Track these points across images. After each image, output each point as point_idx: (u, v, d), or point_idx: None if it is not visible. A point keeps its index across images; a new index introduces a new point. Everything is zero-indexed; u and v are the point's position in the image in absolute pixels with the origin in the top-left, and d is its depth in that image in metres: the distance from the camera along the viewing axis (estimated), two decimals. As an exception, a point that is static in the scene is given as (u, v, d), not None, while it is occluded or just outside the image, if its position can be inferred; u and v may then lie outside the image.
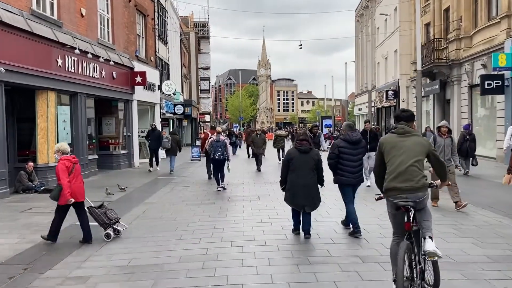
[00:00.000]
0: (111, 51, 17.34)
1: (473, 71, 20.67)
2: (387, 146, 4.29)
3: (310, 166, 6.52)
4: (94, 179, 14.92)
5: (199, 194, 11.27)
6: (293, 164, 6.55)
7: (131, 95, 19.44)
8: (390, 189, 4.17)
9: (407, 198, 4.06)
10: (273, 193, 10.95)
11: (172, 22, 32.67)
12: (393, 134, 4.37)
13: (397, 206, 4.10)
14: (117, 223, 7.20)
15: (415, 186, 4.07)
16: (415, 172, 4.11)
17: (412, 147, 4.19)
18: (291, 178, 6.57)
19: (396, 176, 4.12)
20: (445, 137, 9.01)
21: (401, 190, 4.08)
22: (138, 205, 9.97)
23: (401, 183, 4.08)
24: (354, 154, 6.71)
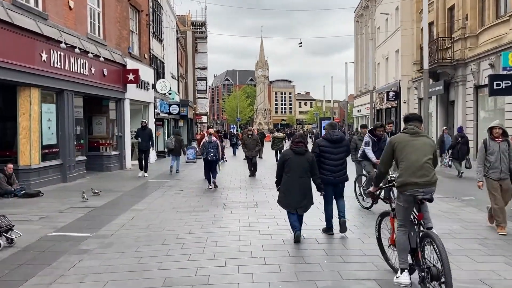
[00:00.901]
0: (101, 47, 16.45)
1: (479, 71, 19.88)
2: (400, 145, 4.59)
3: (304, 168, 6.50)
4: (81, 182, 14.03)
5: (192, 200, 10.40)
6: (287, 165, 6.54)
7: (123, 94, 18.55)
8: (409, 184, 4.45)
9: (424, 192, 4.43)
10: (272, 199, 10.07)
11: (169, 20, 31.79)
12: (404, 133, 4.70)
13: (415, 199, 4.42)
14: (9, 230, 6.38)
15: (431, 181, 4.47)
16: (429, 168, 4.49)
17: (423, 147, 4.56)
18: (285, 179, 6.57)
19: (414, 172, 4.43)
20: (499, 140, 7.02)
21: (419, 185, 4.42)
22: (124, 212, 9.10)
23: (419, 178, 4.42)
24: (335, 153, 6.81)
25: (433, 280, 4.14)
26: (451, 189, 11.94)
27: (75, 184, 13.50)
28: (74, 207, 9.63)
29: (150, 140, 15.89)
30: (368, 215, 8.35)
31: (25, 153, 11.98)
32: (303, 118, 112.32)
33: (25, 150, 11.98)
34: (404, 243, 4.52)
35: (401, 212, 4.58)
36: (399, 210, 4.61)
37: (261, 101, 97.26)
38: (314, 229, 7.17)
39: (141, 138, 15.78)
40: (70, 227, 7.70)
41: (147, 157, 15.87)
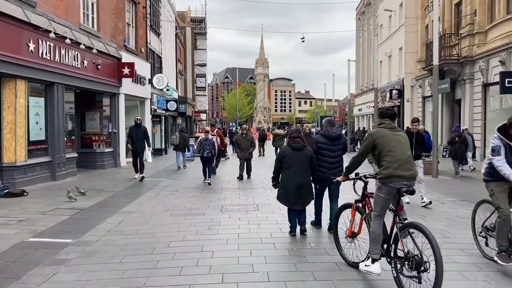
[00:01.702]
0: (95, 38, 15.68)
1: (488, 69, 19.14)
2: (382, 139, 4.67)
3: (303, 164, 6.47)
4: (71, 180, 13.27)
5: (187, 202, 9.64)
6: (286, 161, 6.51)
7: (118, 88, 17.78)
8: (394, 176, 4.52)
9: (407, 184, 4.54)
10: (274, 202, 9.27)
11: (168, 15, 31.01)
12: (383, 128, 4.79)
13: (397, 191, 4.52)
14: None
15: (413, 175, 4.62)
16: (412, 162, 4.67)
17: (404, 141, 4.75)
18: (284, 175, 6.54)
19: (400, 165, 4.53)
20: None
21: (405, 177, 4.54)
22: (113, 215, 8.35)
23: (405, 172, 4.53)
24: (333, 150, 6.76)
25: (415, 269, 4.14)
26: (462, 191, 11.21)
27: (64, 182, 12.73)
28: (60, 208, 8.88)
29: (145, 140, 13.88)
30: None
31: (9, 149, 11.21)
32: (303, 117, 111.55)
33: (10, 146, 11.21)
34: (379, 234, 4.63)
35: (381, 204, 4.65)
36: (378, 201, 4.67)
37: (261, 99, 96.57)
38: (322, 236, 6.43)
39: (135, 138, 13.70)
40: (51, 232, 6.95)
41: (141, 158, 13.84)
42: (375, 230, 4.63)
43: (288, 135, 7.00)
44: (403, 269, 4.28)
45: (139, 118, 14.35)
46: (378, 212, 4.67)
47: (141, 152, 13.83)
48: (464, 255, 5.61)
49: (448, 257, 5.42)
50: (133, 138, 13.67)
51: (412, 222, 4.51)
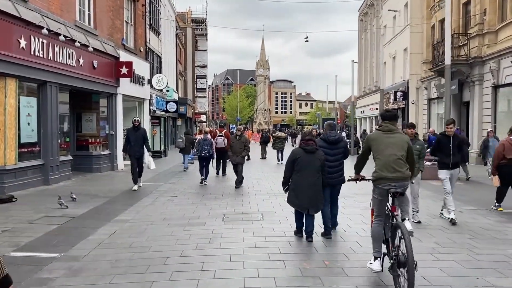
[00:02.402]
0: (92, 36, 15.05)
1: (499, 70, 18.50)
2: (375, 142, 4.89)
3: (315, 167, 6.35)
4: (65, 184, 12.63)
5: (186, 209, 8.98)
6: (298, 164, 6.37)
7: (116, 88, 17.14)
8: (382, 178, 4.70)
9: (395, 186, 4.64)
10: (280, 210, 8.69)
11: (168, 15, 30.41)
12: (379, 131, 4.98)
13: (388, 192, 4.65)
14: None
15: (402, 176, 4.70)
16: (402, 164, 4.72)
17: (397, 143, 4.80)
18: (295, 178, 6.41)
19: (387, 167, 4.68)
20: None
21: (392, 179, 4.67)
22: (106, 224, 7.70)
23: (392, 173, 4.66)
24: (332, 154, 6.72)
25: (400, 267, 4.31)
26: (478, 197, 10.54)
27: (58, 187, 12.10)
28: (49, 216, 8.23)
29: (144, 143, 12.17)
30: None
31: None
32: (304, 119, 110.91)
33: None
34: (378, 233, 4.80)
35: (376, 204, 4.87)
36: (375, 202, 4.90)
37: (262, 101, 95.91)
38: (336, 248, 5.77)
39: (133, 141, 11.97)
40: (36, 245, 6.30)
41: (141, 165, 12.21)
42: (375, 229, 4.84)
43: (301, 137, 6.94)
44: (393, 266, 4.45)
45: (137, 119, 12.56)
46: (376, 212, 4.87)
47: (139, 157, 12.11)
48: (502, 276, 4.94)
49: (484, 279, 4.76)
50: (130, 141, 12.01)
51: (398, 223, 4.58)
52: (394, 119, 5.11)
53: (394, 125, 5.02)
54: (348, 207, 9.12)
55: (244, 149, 12.81)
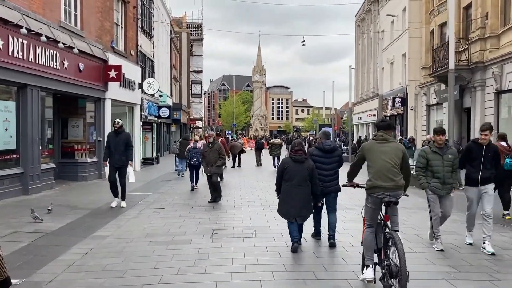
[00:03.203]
0: (78, 38, 14.33)
1: (502, 75, 17.88)
2: (369, 151, 4.97)
3: (303, 176, 6.38)
4: (46, 194, 11.84)
5: (172, 224, 8.22)
6: (287, 173, 6.43)
7: (104, 93, 16.39)
8: (376, 187, 4.76)
9: (389, 195, 4.71)
10: (275, 225, 7.94)
11: (161, 19, 29.75)
12: (373, 140, 5.04)
13: (381, 201, 4.73)
14: None
15: (397, 185, 4.76)
16: (395, 173, 4.78)
17: (390, 152, 4.85)
18: (284, 187, 6.47)
19: (381, 176, 4.75)
20: None
21: (385, 188, 4.73)
22: (82, 241, 6.94)
23: (385, 182, 4.72)
24: (327, 163, 6.73)
25: (391, 277, 4.35)
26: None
27: (39, 197, 11.33)
28: (20, 231, 7.46)
29: (127, 150, 10.04)
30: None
31: (-29, 160, 9.78)
32: (300, 125, 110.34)
33: (-29, 156, 9.78)
34: (370, 241, 4.80)
35: (369, 213, 4.87)
36: (367, 211, 4.91)
37: (258, 107, 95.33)
38: (339, 279, 5.03)
39: (113, 148, 9.95)
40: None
41: (123, 176, 10.13)
42: (367, 237, 4.85)
43: (291, 146, 6.80)
44: (385, 276, 4.48)
45: (119, 121, 10.35)
46: (369, 221, 4.88)
47: (120, 167, 10.02)
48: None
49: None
50: (110, 148, 10.06)
51: (392, 233, 4.57)
52: (389, 129, 5.08)
53: (389, 134, 5.01)
54: (349, 221, 8.39)
55: (219, 157, 11.13)
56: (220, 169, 11.47)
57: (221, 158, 11.23)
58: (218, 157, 11.11)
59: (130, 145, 10.29)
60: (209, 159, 11.15)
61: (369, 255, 4.78)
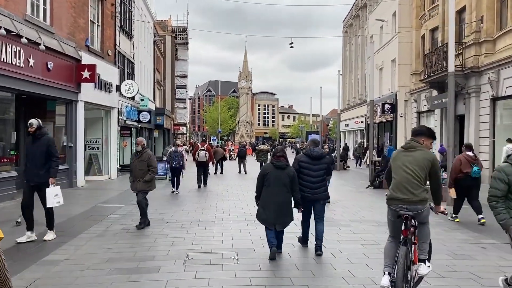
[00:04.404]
0: (47, 34, 13.11)
1: (499, 81, 17.13)
2: (393, 160, 4.66)
3: (284, 183, 6.35)
4: (5, 205, 10.56)
5: (140, 244, 7.04)
6: (267, 179, 6.38)
7: (76, 95, 15.14)
8: (393, 199, 4.48)
9: (407, 209, 4.37)
10: (260, 246, 6.83)
11: (144, 19, 28.55)
12: (401, 148, 4.75)
13: (398, 214, 4.40)
14: None
15: (415, 199, 4.37)
16: (415, 185, 4.38)
17: (414, 162, 4.45)
18: (264, 193, 6.41)
19: (399, 188, 4.43)
20: None
21: (402, 200, 4.40)
22: (29, 267, 5.76)
23: (403, 195, 4.40)
24: (314, 169, 6.70)
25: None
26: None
27: (-5, 209, 10.03)
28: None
29: (47, 162, 7.29)
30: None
31: None
32: (286, 132, 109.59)
33: None
34: (389, 249, 4.56)
35: (390, 225, 4.65)
36: (388, 223, 4.67)
37: (244, 113, 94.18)
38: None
39: (30, 157, 7.38)
40: None
41: (43, 198, 7.32)
42: (386, 245, 4.66)
43: (273, 153, 6.79)
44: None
45: (32, 122, 7.53)
46: (390, 233, 4.67)
47: (40, 186, 7.29)
48: None
49: None
50: (28, 157, 7.48)
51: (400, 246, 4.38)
52: (420, 135, 4.64)
53: (418, 141, 4.60)
54: (346, 241, 7.32)
55: (148, 170, 8.58)
56: (148, 185, 8.69)
57: (151, 171, 8.59)
58: (147, 170, 8.57)
59: (53, 154, 7.37)
60: (136, 172, 8.67)
61: (387, 262, 4.52)
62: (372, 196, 13.80)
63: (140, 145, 8.89)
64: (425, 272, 4.52)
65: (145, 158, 8.67)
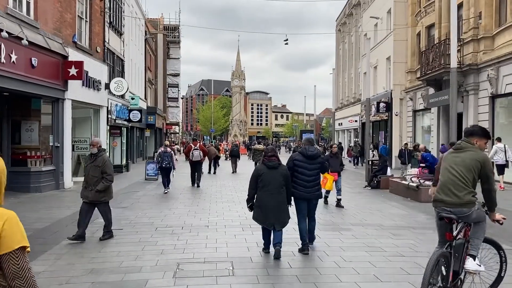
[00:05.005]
0: (31, 29, 12.49)
1: (498, 78, 16.76)
2: (443, 161, 4.49)
3: (279, 182, 6.30)
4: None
5: (127, 253, 6.48)
6: (262, 180, 6.31)
7: (63, 92, 14.52)
8: (436, 200, 4.36)
9: (450, 211, 4.19)
10: (258, 255, 6.31)
11: (136, 19, 27.93)
12: (451, 149, 4.57)
13: (440, 216, 4.25)
14: None
15: (458, 201, 4.16)
16: (460, 187, 4.18)
17: (461, 163, 4.24)
18: (259, 194, 6.34)
19: (443, 189, 4.28)
20: None
21: (445, 202, 4.23)
22: (1, 282, 5.14)
23: (446, 197, 4.23)
24: (309, 168, 6.69)
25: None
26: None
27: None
28: None
29: None
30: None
31: None
32: (280, 131, 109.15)
33: None
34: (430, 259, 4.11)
35: (437, 228, 4.52)
36: (436, 224, 4.54)
37: (237, 112, 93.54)
38: None
39: None
40: None
41: None
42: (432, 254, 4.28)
43: (264, 153, 6.74)
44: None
45: None
46: (438, 237, 4.51)
47: None
48: None
49: None
50: None
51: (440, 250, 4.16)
52: (473, 135, 4.38)
53: (470, 141, 4.34)
54: (349, 247, 6.82)
55: (102, 177, 7.37)
56: (101, 196, 7.43)
57: (105, 180, 7.36)
58: (101, 177, 7.36)
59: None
60: (88, 178, 7.46)
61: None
62: (371, 197, 13.34)
63: (96, 147, 7.52)
64: (472, 268, 4.22)
65: (100, 163, 7.36)
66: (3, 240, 1.81)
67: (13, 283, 1.82)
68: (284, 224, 6.35)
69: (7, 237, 1.82)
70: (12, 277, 1.81)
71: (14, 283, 1.82)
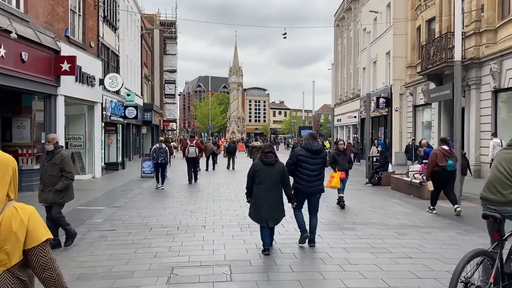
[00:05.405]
0: (21, 22, 12.05)
1: (501, 72, 16.41)
2: (494, 159, 4.35)
3: (275, 179, 6.25)
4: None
5: (120, 256, 6.12)
6: (258, 176, 6.28)
7: (56, 88, 14.09)
8: (482, 198, 4.24)
9: (495, 209, 4.06)
10: (257, 257, 5.95)
11: (132, 14, 27.48)
12: (506, 146, 4.38)
13: (484, 215, 4.13)
14: None
15: (503, 200, 4.01)
16: (506, 185, 4.01)
17: (510, 160, 4.04)
18: (255, 191, 6.30)
19: (489, 187, 4.15)
20: None
21: (490, 201, 4.13)
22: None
23: (491, 195, 4.11)
24: (312, 163, 6.67)
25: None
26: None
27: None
28: None
29: None
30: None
31: None
32: (278, 127, 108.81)
33: None
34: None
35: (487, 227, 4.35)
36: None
37: (235, 109, 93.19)
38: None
39: None
40: None
41: None
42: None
43: (261, 149, 6.69)
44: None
45: None
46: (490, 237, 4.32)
47: None
48: None
49: None
50: None
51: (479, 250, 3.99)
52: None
53: None
54: (353, 248, 6.46)
55: (61, 176, 6.66)
56: (61, 196, 6.73)
57: (64, 178, 6.66)
58: (60, 175, 6.64)
59: None
60: (45, 178, 6.72)
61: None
62: (372, 194, 13.00)
63: (52, 144, 6.74)
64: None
65: (57, 161, 6.61)
66: (30, 234, 1.87)
67: (43, 274, 1.88)
68: (277, 221, 6.32)
69: (34, 231, 1.89)
70: (42, 269, 1.87)
71: (44, 274, 1.88)
